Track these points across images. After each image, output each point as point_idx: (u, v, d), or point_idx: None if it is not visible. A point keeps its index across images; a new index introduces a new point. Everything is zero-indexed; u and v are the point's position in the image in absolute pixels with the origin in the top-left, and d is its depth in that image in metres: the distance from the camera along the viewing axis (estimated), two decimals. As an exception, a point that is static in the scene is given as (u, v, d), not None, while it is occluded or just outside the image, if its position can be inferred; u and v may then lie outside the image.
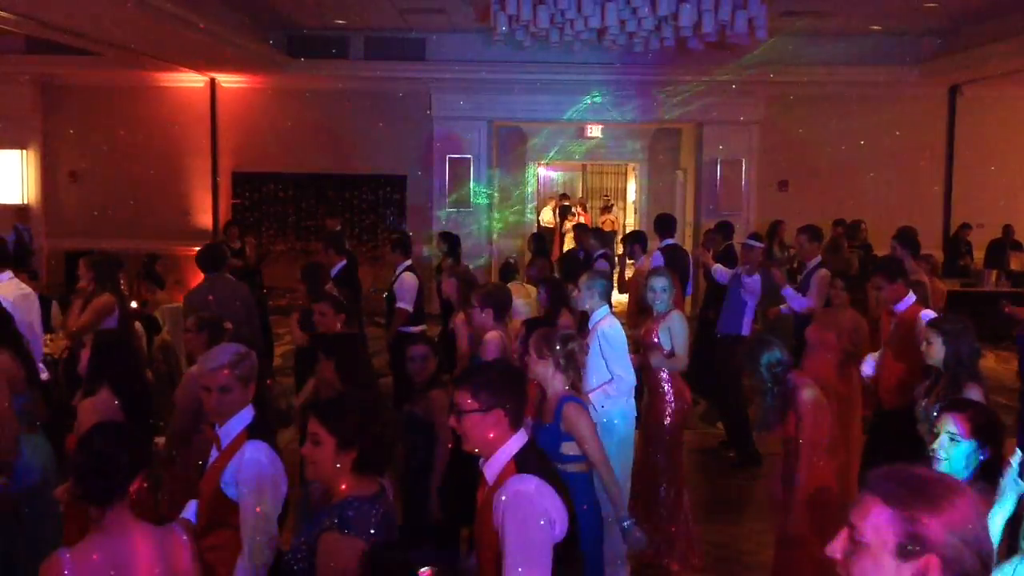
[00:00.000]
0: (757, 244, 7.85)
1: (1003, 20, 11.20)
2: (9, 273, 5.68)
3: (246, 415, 3.41)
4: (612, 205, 20.94)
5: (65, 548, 2.62)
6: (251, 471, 3.23)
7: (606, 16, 9.02)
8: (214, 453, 3.40)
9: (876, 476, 1.63)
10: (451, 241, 9.38)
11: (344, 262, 8.25)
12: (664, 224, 8.72)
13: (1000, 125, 14.03)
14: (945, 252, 13.48)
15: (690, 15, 8.95)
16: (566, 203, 20.72)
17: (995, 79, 13.08)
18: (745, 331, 7.48)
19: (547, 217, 20.17)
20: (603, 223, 20.29)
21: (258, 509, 3.17)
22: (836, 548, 1.63)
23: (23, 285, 5.76)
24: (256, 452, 3.28)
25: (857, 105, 13.91)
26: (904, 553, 1.53)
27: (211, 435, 3.45)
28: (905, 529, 1.53)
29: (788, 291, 7.36)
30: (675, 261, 8.04)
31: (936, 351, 4.32)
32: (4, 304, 4.94)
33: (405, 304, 7.75)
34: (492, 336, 5.25)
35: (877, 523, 1.56)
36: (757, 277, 7.59)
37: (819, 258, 7.44)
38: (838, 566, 1.63)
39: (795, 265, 9.63)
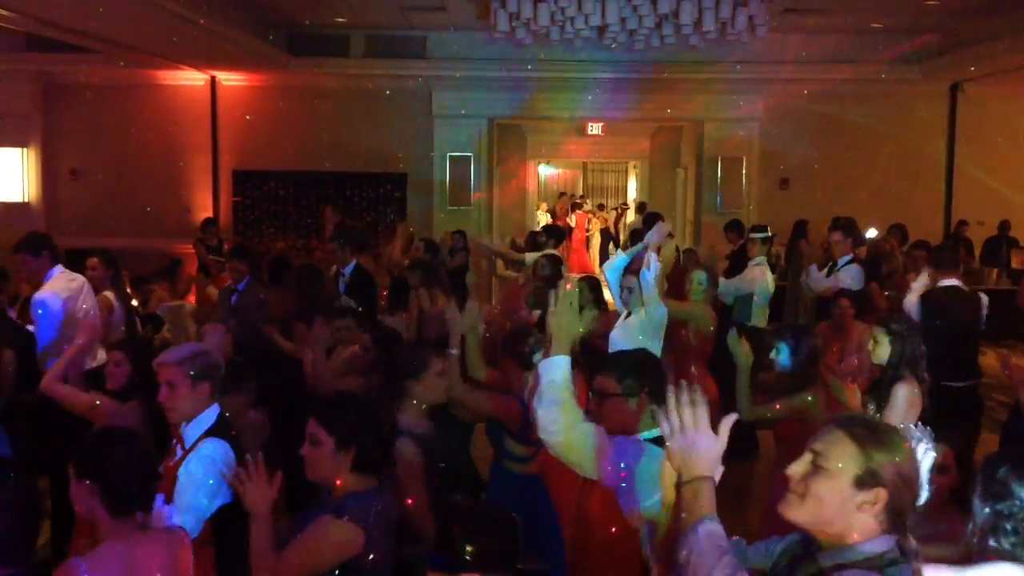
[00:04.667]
0: (761, 235, 7.91)
1: (1004, 17, 11.19)
2: (60, 267, 5.83)
3: (210, 415, 3.42)
4: (581, 203, 21.07)
5: (79, 557, 2.60)
6: (200, 464, 3.26)
7: (607, 13, 9.03)
8: (179, 452, 3.39)
9: (844, 417, 1.99)
10: (465, 238, 9.49)
11: (355, 262, 7.92)
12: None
13: (1001, 123, 14.02)
14: (945, 250, 13.48)
15: (691, 13, 8.96)
16: (578, 201, 20.92)
17: (996, 76, 13.06)
18: (755, 321, 7.48)
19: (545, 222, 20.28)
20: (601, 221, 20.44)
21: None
22: (795, 469, 1.94)
23: (73, 276, 5.91)
24: (213, 450, 3.30)
25: (858, 103, 13.91)
26: (860, 483, 1.88)
27: (175, 433, 3.45)
28: (865, 464, 1.88)
29: (813, 268, 7.47)
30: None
31: (883, 351, 4.38)
32: (54, 299, 5.35)
33: None
34: None
35: (841, 455, 1.90)
36: (759, 270, 7.61)
37: (851, 255, 7.46)
38: (791, 482, 1.94)
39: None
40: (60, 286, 5.68)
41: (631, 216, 20.98)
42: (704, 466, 2.00)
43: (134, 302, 7.67)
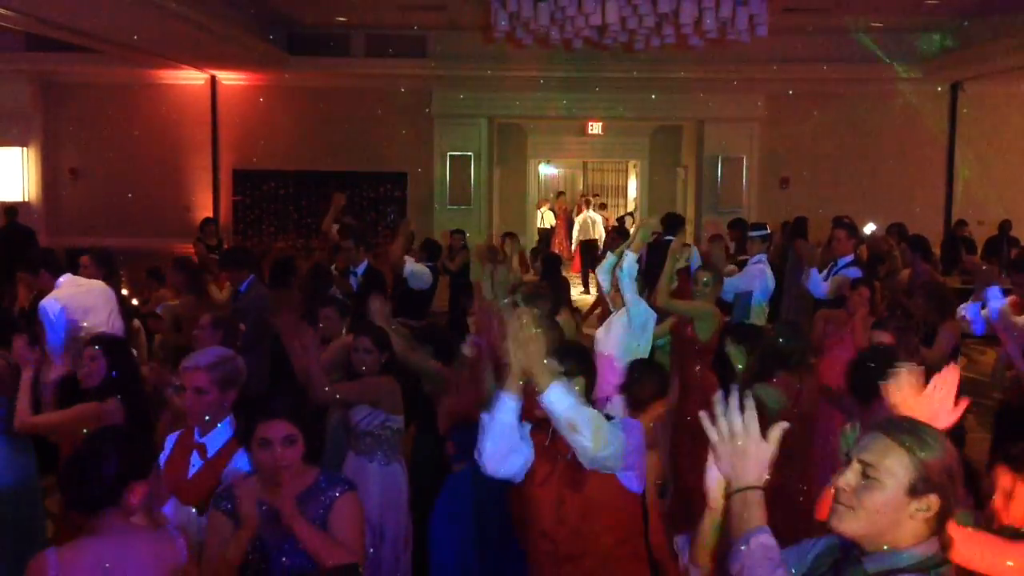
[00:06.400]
0: (760, 234, 7.91)
1: (1005, 17, 11.19)
2: (68, 275, 5.92)
3: (229, 423, 3.36)
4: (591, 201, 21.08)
5: (53, 548, 2.59)
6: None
7: (607, 13, 9.02)
8: (196, 462, 3.33)
9: (887, 422, 1.96)
10: (464, 238, 9.52)
11: (367, 261, 7.76)
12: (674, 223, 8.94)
13: (1002, 122, 14.02)
14: (944, 250, 13.47)
15: (691, 13, 8.95)
16: (590, 199, 20.93)
17: (997, 76, 13.06)
18: (754, 319, 7.47)
19: (549, 219, 20.26)
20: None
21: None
22: (845, 481, 1.89)
23: (81, 281, 5.97)
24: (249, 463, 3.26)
25: (858, 102, 13.91)
26: (914, 492, 1.84)
27: (192, 443, 3.38)
28: (918, 472, 1.84)
29: (814, 272, 7.43)
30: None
31: None
32: (53, 305, 5.45)
33: None
34: None
35: (894, 464, 1.85)
36: (759, 268, 7.59)
37: (852, 256, 7.45)
38: (840, 494, 1.90)
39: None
40: (63, 292, 5.74)
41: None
42: (754, 474, 1.95)
43: (134, 301, 7.68)
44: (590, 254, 15.72)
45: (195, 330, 4.95)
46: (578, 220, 17.84)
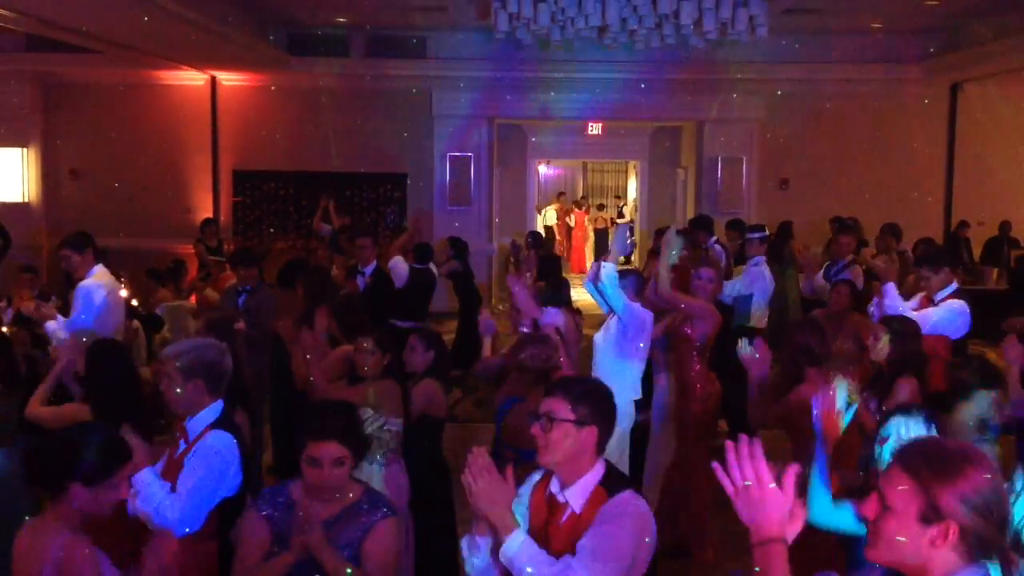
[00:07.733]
0: (759, 235, 7.92)
1: (1004, 18, 11.19)
2: (100, 266, 5.98)
3: (214, 409, 3.45)
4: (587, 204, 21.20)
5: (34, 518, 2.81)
6: (204, 454, 3.30)
7: (607, 14, 9.03)
8: (182, 445, 3.44)
9: (905, 449, 1.88)
10: (458, 246, 9.45)
11: (376, 262, 7.68)
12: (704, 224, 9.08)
13: (1001, 123, 14.01)
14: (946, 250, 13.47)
15: (691, 13, 8.95)
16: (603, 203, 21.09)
17: (996, 77, 13.07)
18: (755, 322, 7.48)
19: (551, 218, 20.30)
20: (595, 221, 20.53)
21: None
22: (869, 509, 1.85)
23: (108, 278, 6.04)
24: (217, 441, 3.34)
25: (858, 103, 13.90)
26: (926, 520, 1.76)
27: (178, 427, 3.49)
28: (925, 500, 1.76)
29: (819, 277, 7.49)
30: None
31: (882, 348, 4.39)
32: (98, 289, 5.61)
33: None
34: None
35: (901, 493, 1.79)
36: (758, 270, 7.60)
37: (851, 256, 7.50)
38: (868, 524, 1.87)
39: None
40: (105, 280, 5.87)
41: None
42: (774, 525, 1.88)
43: (134, 302, 7.69)
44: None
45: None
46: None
